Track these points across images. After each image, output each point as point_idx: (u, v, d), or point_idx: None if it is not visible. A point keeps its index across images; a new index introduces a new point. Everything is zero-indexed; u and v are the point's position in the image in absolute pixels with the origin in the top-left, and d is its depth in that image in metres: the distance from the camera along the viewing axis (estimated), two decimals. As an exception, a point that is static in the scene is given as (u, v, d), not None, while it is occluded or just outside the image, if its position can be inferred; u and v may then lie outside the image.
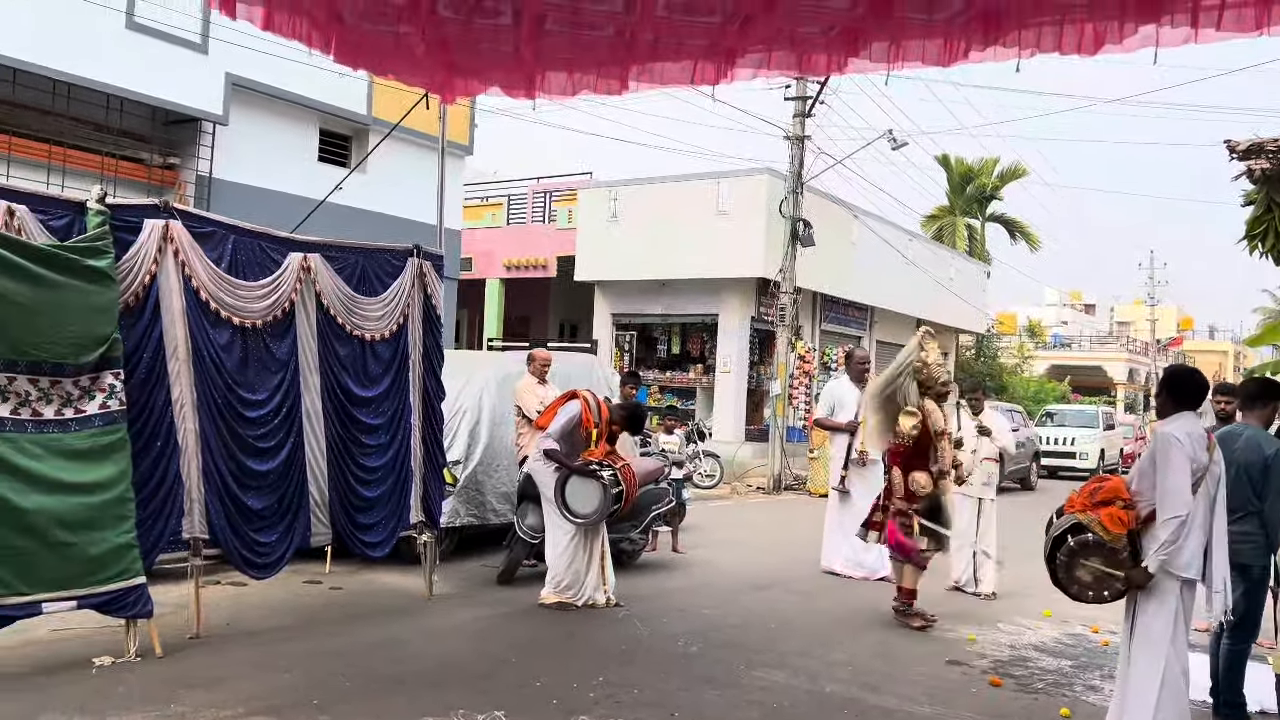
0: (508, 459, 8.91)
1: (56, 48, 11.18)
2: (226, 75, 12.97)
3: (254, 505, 6.26)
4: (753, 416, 20.42)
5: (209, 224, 6.23)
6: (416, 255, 7.32)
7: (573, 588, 7.24)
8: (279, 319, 6.40)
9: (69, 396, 5.34)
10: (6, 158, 11.00)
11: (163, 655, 5.52)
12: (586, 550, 7.30)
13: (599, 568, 7.36)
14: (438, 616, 6.96)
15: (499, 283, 23.65)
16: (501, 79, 6.99)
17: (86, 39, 11.41)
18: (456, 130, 15.84)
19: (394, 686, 5.24)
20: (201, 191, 13.05)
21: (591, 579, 7.30)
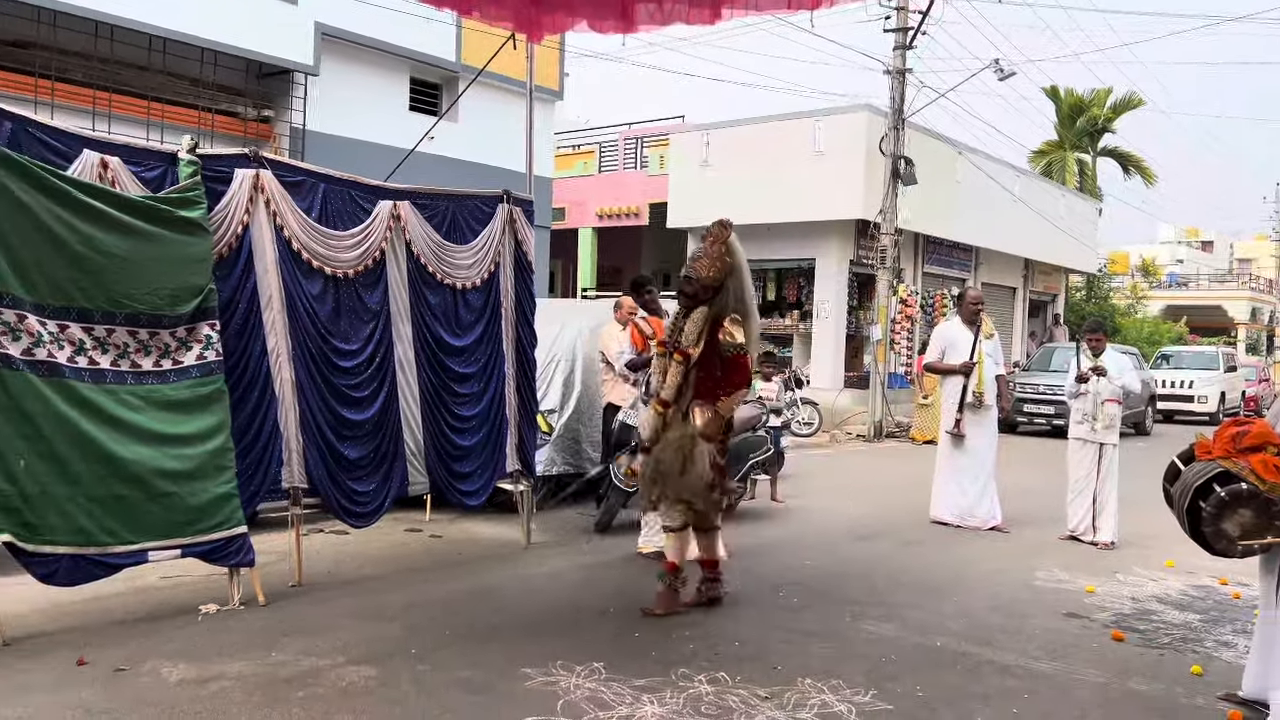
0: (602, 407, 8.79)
1: (153, 4, 11.29)
2: (316, 25, 12.97)
3: (351, 454, 6.26)
4: (852, 363, 19.97)
5: (299, 173, 6.18)
6: (506, 201, 7.18)
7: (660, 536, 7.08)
8: (370, 268, 6.34)
9: (167, 348, 5.36)
10: (107, 114, 11.20)
11: (265, 603, 5.57)
12: None
13: None
14: (535, 565, 6.91)
15: (591, 232, 23.52)
16: (589, 12, 6.72)
17: (180, -7, 11.50)
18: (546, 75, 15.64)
19: (491, 636, 5.19)
20: (295, 144, 13.15)
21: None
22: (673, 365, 5.72)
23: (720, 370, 5.71)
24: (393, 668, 4.61)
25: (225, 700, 4.13)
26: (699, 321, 5.69)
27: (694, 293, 5.73)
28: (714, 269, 5.71)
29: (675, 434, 5.67)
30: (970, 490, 8.67)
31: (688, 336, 5.70)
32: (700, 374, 5.72)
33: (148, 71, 11.87)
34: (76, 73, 11.32)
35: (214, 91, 12.58)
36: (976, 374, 8.60)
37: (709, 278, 5.70)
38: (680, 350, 5.70)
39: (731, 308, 5.72)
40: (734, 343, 5.66)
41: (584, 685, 4.42)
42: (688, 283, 5.75)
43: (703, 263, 5.73)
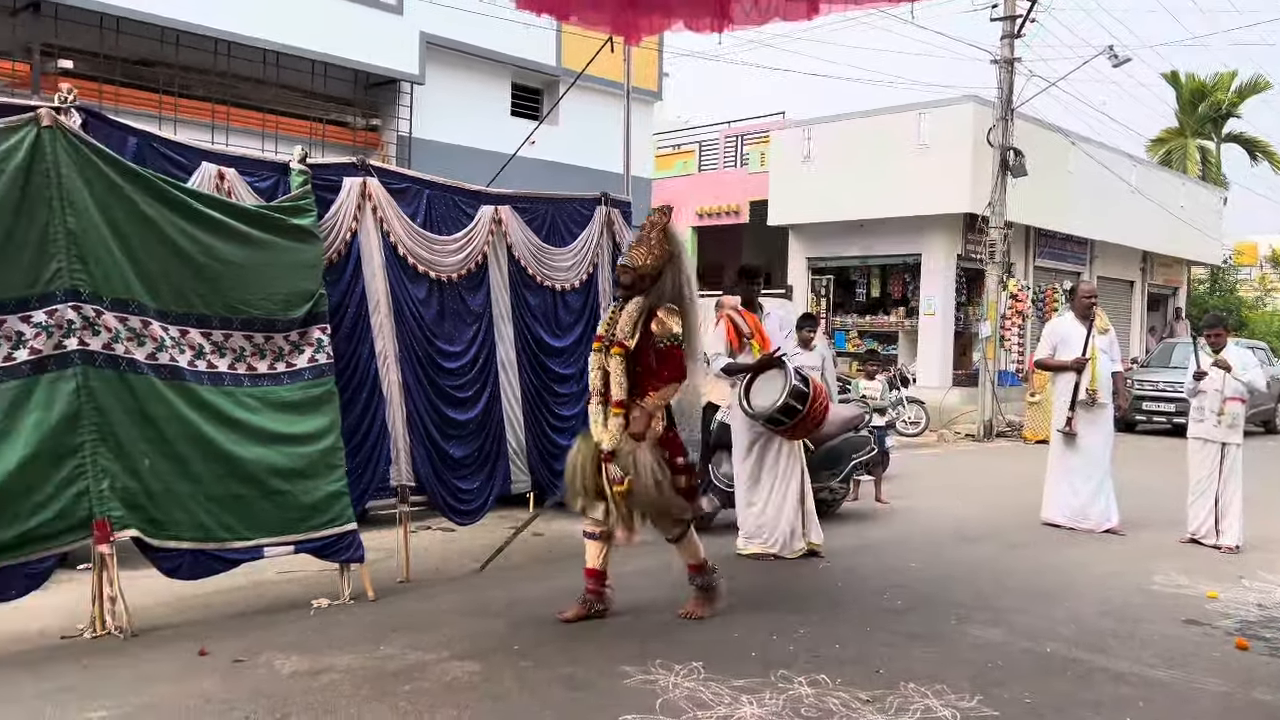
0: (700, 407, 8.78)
1: (268, 20, 11.73)
2: (421, 35, 13.28)
3: (456, 453, 6.40)
4: (960, 360, 19.52)
5: (404, 180, 6.36)
6: (604, 203, 7.25)
7: (764, 536, 7.03)
8: (473, 271, 6.48)
9: (280, 351, 5.57)
10: (226, 127, 11.68)
11: (375, 598, 5.73)
12: (778, 497, 7.02)
13: (798, 516, 7.09)
14: (634, 564, 6.93)
15: (691, 231, 23.50)
16: (686, 12, 6.73)
17: (294, 8, 11.92)
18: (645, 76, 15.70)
19: (591, 634, 5.24)
20: (402, 151, 13.48)
21: (784, 526, 7.04)
22: (612, 359, 5.34)
23: (654, 364, 5.32)
24: (495, 663, 4.69)
25: (335, 692, 4.27)
26: (634, 313, 5.34)
27: (631, 282, 5.40)
28: (651, 257, 5.39)
29: (626, 444, 5.26)
30: (1083, 491, 8.38)
31: (623, 328, 5.33)
32: (638, 368, 5.35)
33: (263, 85, 12.34)
34: (197, 88, 11.84)
35: (325, 102, 13.01)
36: (1090, 371, 8.31)
37: (646, 266, 5.38)
38: (617, 343, 5.33)
39: (669, 297, 5.41)
40: (669, 333, 5.31)
41: (683, 684, 4.43)
42: (624, 272, 5.44)
43: (640, 250, 5.43)
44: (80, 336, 4.78)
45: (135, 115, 9.31)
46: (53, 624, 5.05)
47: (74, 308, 4.77)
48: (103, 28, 10.89)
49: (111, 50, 11.01)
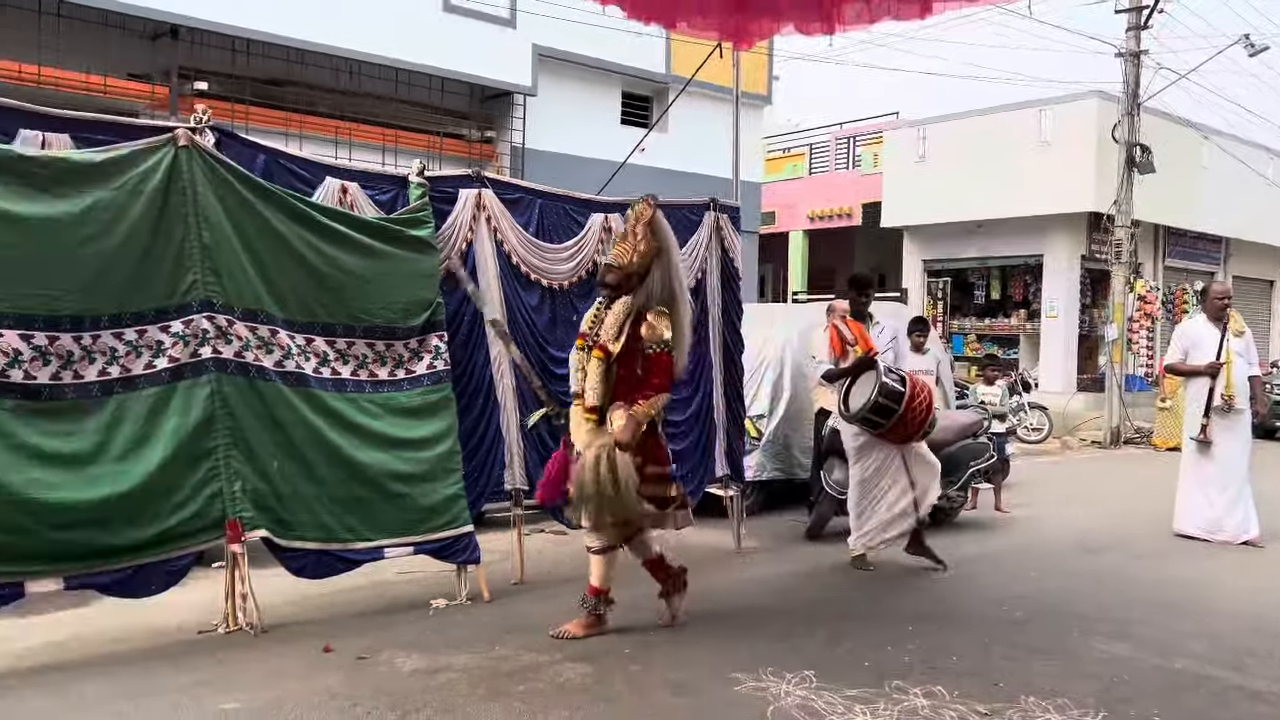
0: (813, 413, 8.71)
1: (388, 37, 12.13)
2: (533, 47, 13.53)
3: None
4: (1085, 364, 18.84)
5: (517, 190, 6.49)
6: (712, 209, 7.25)
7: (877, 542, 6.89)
8: (583, 279, 6.56)
9: (400, 358, 5.75)
10: (349, 142, 12.12)
11: (490, 599, 5.85)
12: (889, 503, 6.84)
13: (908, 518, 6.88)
14: (745, 570, 6.93)
15: (802, 235, 23.31)
16: (796, 15, 6.70)
17: (413, 26, 12.29)
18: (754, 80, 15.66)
19: (702, 639, 5.25)
20: (515, 162, 13.76)
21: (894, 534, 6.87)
22: (591, 362, 5.07)
23: (641, 370, 5.06)
24: (607, 666, 4.74)
25: (452, 691, 4.38)
26: (620, 314, 5.06)
27: (617, 282, 5.10)
28: (637, 254, 5.09)
29: (593, 446, 4.99)
30: (1218, 501, 7.99)
31: (607, 330, 5.05)
32: (621, 373, 5.06)
33: (384, 101, 12.77)
34: (322, 106, 12.32)
35: (442, 116, 13.38)
36: (1225, 375, 7.92)
37: (633, 264, 5.09)
38: (599, 345, 5.06)
39: (658, 298, 5.12)
40: (659, 339, 5.04)
41: (794, 693, 4.40)
42: (609, 271, 5.12)
43: (624, 247, 5.13)
44: (214, 345, 5.03)
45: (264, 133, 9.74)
46: (190, 619, 5.30)
47: (208, 318, 5.02)
48: (235, 50, 11.43)
49: (243, 71, 11.55)
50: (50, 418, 4.58)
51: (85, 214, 4.65)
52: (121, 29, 10.74)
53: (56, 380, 4.60)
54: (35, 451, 4.49)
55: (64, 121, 4.80)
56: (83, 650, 4.86)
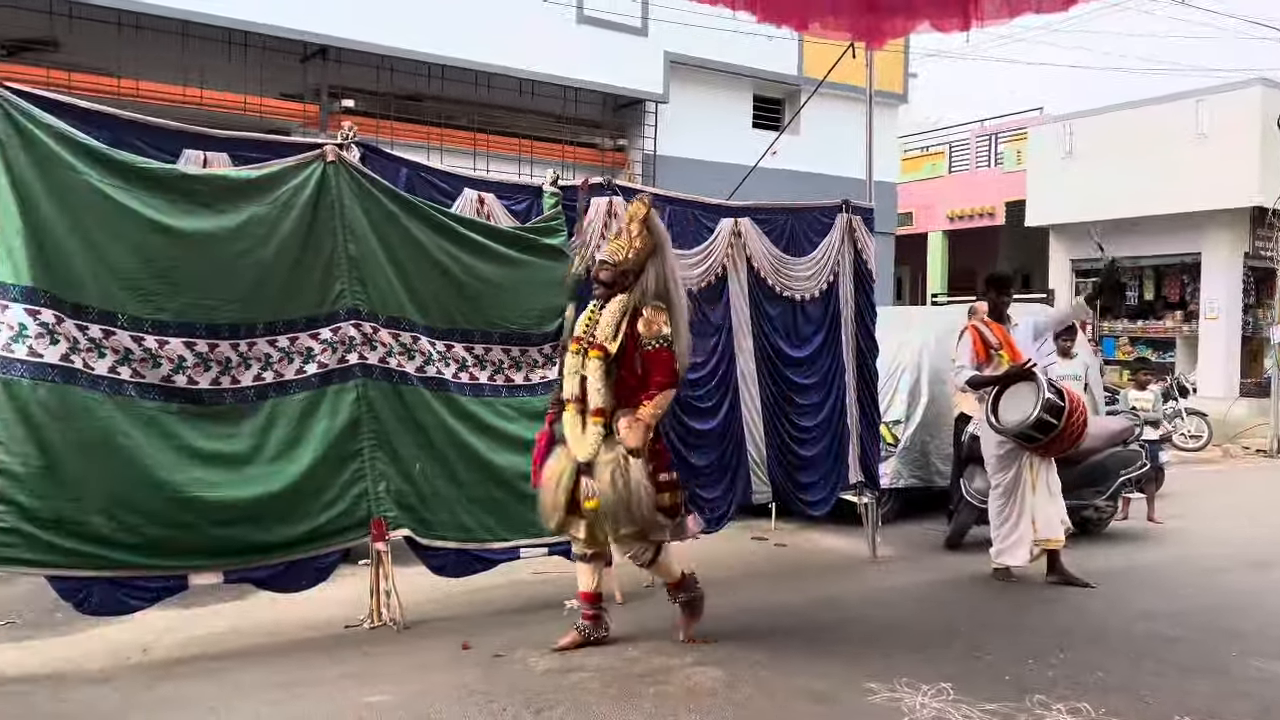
0: (952, 419, 8.48)
1: (523, 50, 12.43)
2: (665, 54, 13.63)
3: (698, 462, 6.50)
4: (1249, 368, 17.75)
5: (647, 196, 6.54)
6: (845, 211, 7.16)
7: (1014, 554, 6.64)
8: (712, 284, 6.58)
9: (534, 363, 5.88)
10: (485, 154, 12.45)
11: (622, 601, 5.91)
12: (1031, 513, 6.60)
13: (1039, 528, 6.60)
14: (880, 579, 6.81)
15: (941, 235, 22.71)
16: (932, 12, 6.55)
17: (547, 38, 12.55)
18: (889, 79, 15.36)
19: (835, 647, 5.18)
20: (647, 169, 13.87)
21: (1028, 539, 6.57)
22: (590, 363, 4.91)
23: (639, 369, 4.90)
24: (737, 671, 4.73)
25: (584, 691, 4.45)
26: (616, 312, 4.93)
27: (612, 279, 4.97)
28: (632, 250, 4.98)
29: (606, 455, 4.82)
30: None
31: (604, 330, 4.91)
32: (621, 373, 4.92)
33: (519, 112, 13.07)
34: (460, 119, 12.71)
35: (575, 126, 13.61)
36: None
37: (628, 261, 4.97)
38: (596, 345, 4.91)
39: (654, 294, 4.98)
40: (658, 335, 4.88)
41: (930, 704, 4.30)
42: (604, 268, 5.00)
43: (619, 244, 5.04)
44: (360, 351, 5.26)
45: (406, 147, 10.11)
46: (337, 614, 5.54)
47: (355, 325, 5.26)
48: (379, 68, 11.91)
49: (387, 88, 12.02)
50: (211, 420, 4.88)
51: (241, 228, 4.94)
52: (275, 51, 11.33)
53: (216, 385, 4.90)
54: (197, 452, 4.80)
55: (222, 141, 5.11)
56: (240, 641, 5.14)
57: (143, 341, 4.69)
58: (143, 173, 4.71)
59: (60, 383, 4.46)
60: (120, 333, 4.63)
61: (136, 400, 4.67)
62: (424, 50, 11.88)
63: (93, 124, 4.69)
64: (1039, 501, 6.54)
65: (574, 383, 4.98)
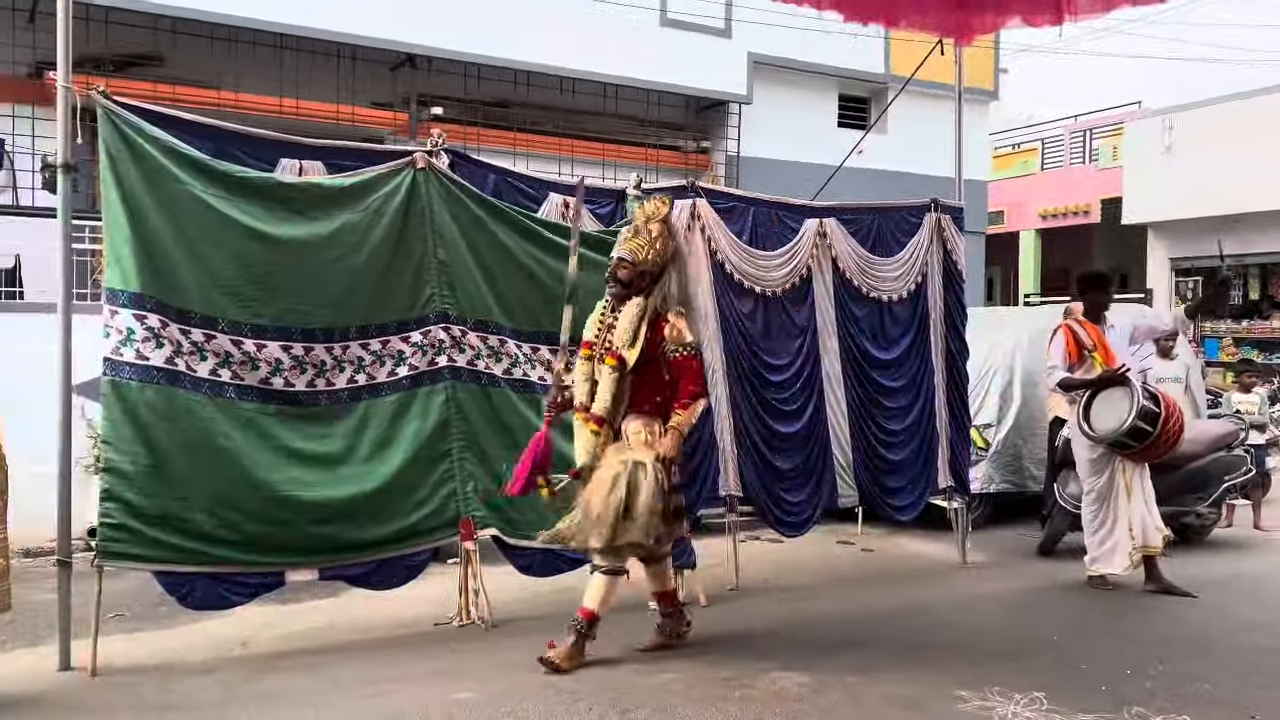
0: (1046, 422, 8.28)
1: (607, 54, 12.51)
2: (749, 55, 13.58)
3: (782, 466, 6.47)
4: (1365, 370, 16.93)
5: (730, 199, 6.56)
6: (934, 210, 7.05)
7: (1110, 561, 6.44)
8: (797, 285, 6.54)
9: (616, 366, 5.90)
10: (570, 159, 12.57)
11: (706, 604, 5.91)
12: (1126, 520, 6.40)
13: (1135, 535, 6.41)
14: (971, 585, 6.68)
15: (1034, 234, 22.15)
16: (1023, 7, 6.41)
17: (630, 42, 12.62)
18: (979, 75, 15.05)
19: (924, 653, 5.10)
20: (730, 170, 13.83)
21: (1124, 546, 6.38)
22: (604, 372, 4.70)
23: (667, 376, 4.71)
24: (823, 677, 4.69)
25: (669, 692, 4.45)
26: (634, 317, 4.70)
27: (630, 279, 4.74)
28: (653, 251, 4.76)
29: (611, 463, 4.63)
30: None
31: (621, 336, 4.69)
32: (637, 380, 4.72)
33: (602, 117, 13.16)
34: (545, 124, 12.85)
35: (658, 129, 13.64)
36: None
37: (648, 261, 4.75)
38: (612, 353, 4.69)
39: (676, 299, 4.78)
40: (684, 341, 4.69)
41: (1023, 714, 4.20)
42: (623, 266, 4.74)
43: (639, 243, 4.77)
44: (449, 354, 5.37)
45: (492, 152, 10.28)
46: (426, 612, 5.65)
47: (444, 329, 5.36)
48: (466, 75, 12.11)
49: (474, 95, 12.22)
50: (306, 421, 5.03)
51: (335, 234, 5.08)
52: (366, 61, 11.61)
53: (311, 387, 5.05)
54: (294, 452, 4.95)
55: (316, 150, 5.26)
56: (335, 636, 5.28)
57: (242, 345, 4.86)
58: (242, 182, 4.88)
59: (165, 385, 4.65)
60: (221, 336, 4.81)
61: (236, 402, 4.84)
62: (510, 57, 12.04)
63: (196, 135, 4.89)
64: (1134, 507, 6.34)
65: (585, 389, 4.81)
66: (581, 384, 4.83)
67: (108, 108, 4.62)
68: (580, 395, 4.83)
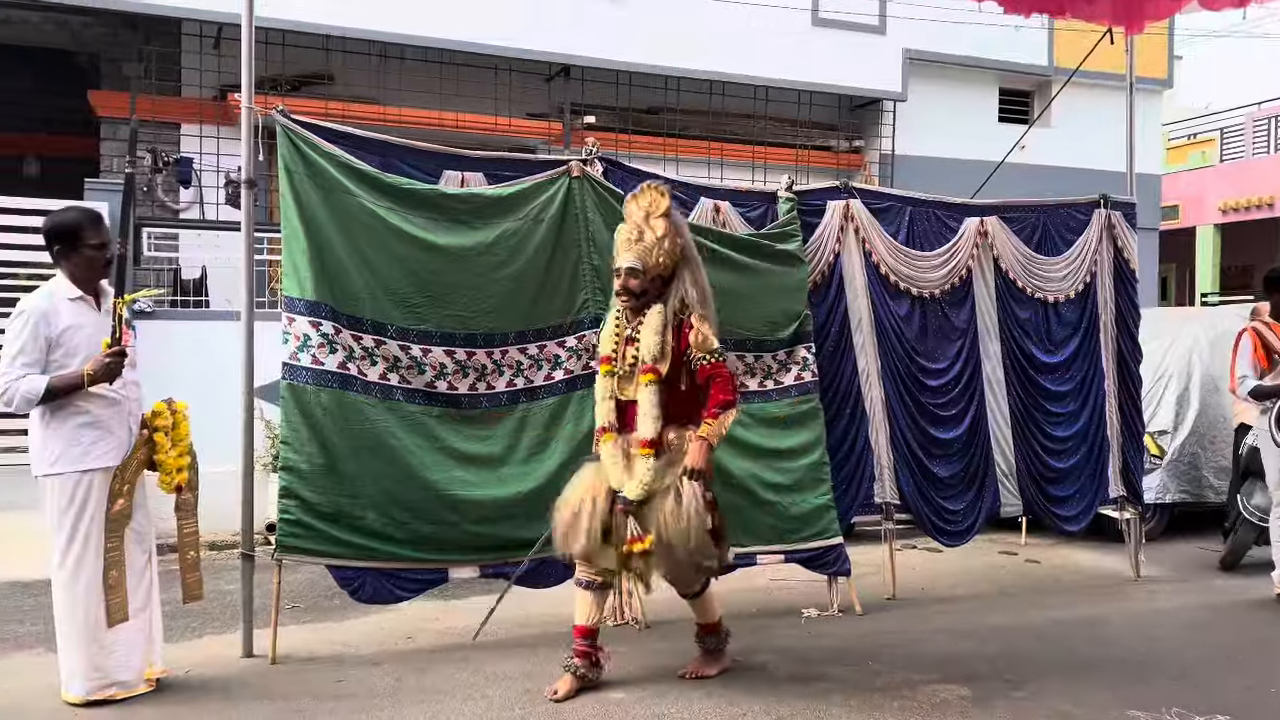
0: (1227, 429, 7.78)
1: (757, 57, 12.45)
2: (903, 52, 13.27)
3: (940, 473, 6.30)
4: None
5: (885, 199, 6.43)
6: (1103, 206, 6.74)
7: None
8: (956, 286, 6.37)
9: (769, 369, 5.88)
10: (720, 162, 12.57)
11: (862, 613, 5.82)
12: None
13: None
14: (1145, 601, 6.34)
15: (1212, 229, 20.84)
16: (1198, -10, 6.05)
17: (781, 43, 12.52)
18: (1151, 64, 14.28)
19: (1093, 670, 4.87)
20: (884, 170, 13.55)
21: None
22: (643, 388, 4.34)
23: (684, 385, 4.37)
24: (986, 690, 4.54)
25: (826, 701, 4.39)
26: (658, 326, 4.34)
27: (643, 288, 4.39)
28: (662, 253, 4.36)
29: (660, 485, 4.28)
30: None
31: (649, 348, 4.33)
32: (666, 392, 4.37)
33: (752, 119, 13.10)
34: (695, 129, 12.88)
35: (809, 129, 13.49)
36: None
37: (658, 265, 4.37)
38: (650, 368, 4.32)
39: (696, 301, 4.40)
40: (710, 348, 4.33)
41: (1204, 738, 3.97)
42: (634, 276, 4.36)
43: (643, 246, 4.36)
44: (599, 360, 5.44)
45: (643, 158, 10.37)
46: (580, 610, 5.75)
47: (596, 334, 5.44)
48: (618, 83, 12.27)
49: (625, 102, 12.37)
50: (469, 423, 5.21)
51: (495, 243, 5.24)
52: (521, 73, 11.91)
53: (473, 391, 5.22)
54: (457, 453, 5.13)
55: (476, 161, 5.44)
56: (494, 632, 5.43)
57: (409, 350, 5.06)
58: (409, 193, 5.09)
59: (338, 388, 4.89)
60: (389, 342, 5.03)
61: (403, 404, 5.05)
62: (661, 63, 12.13)
63: (366, 150, 5.13)
64: None
65: (609, 408, 4.47)
66: (602, 403, 4.50)
67: (287, 126, 4.90)
68: (602, 416, 4.50)
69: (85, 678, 4.15)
